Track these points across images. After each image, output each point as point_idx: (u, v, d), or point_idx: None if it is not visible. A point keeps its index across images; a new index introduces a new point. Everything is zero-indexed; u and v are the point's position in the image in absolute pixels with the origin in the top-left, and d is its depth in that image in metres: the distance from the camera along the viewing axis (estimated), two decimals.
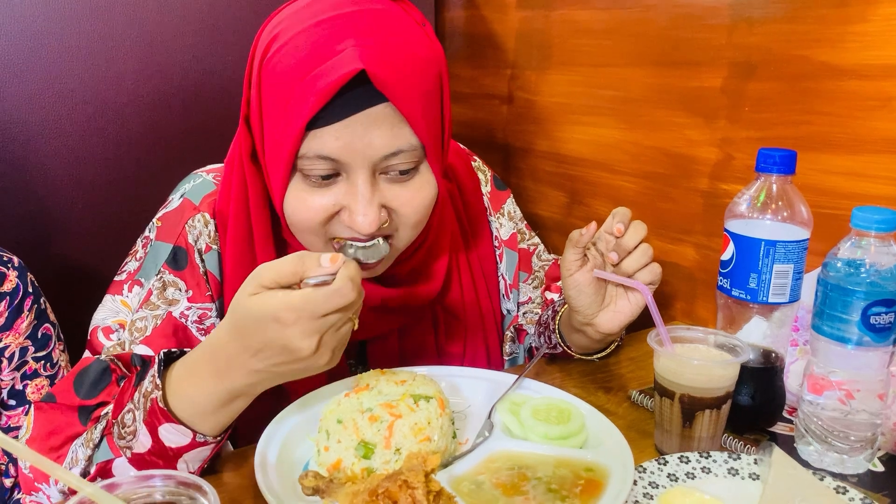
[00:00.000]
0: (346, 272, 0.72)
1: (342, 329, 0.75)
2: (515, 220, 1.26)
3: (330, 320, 0.72)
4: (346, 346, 0.79)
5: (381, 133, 0.87)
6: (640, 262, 0.96)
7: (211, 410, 0.79)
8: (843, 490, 0.78)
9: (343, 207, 0.90)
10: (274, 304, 0.71)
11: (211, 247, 0.99)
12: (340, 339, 0.76)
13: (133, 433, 0.78)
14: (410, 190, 0.92)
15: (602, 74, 1.46)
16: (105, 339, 0.94)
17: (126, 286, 0.97)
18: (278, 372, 0.76)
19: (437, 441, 0.81)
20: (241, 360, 0.75)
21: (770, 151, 0.88)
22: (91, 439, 0.81)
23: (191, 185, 1.03)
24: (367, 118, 0.86)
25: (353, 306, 0.74)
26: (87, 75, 1.40)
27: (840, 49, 1.07)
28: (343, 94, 0.85)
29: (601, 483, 0.77)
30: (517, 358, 1.24)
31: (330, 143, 0.86)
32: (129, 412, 0.80)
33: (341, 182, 0.90)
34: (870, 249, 0.80)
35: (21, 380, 1.08)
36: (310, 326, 0.72)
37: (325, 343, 0.74)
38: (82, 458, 0.81)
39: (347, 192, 0.90)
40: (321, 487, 0.73)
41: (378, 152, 0.87)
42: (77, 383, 0.87)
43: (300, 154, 0.88)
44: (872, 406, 0.83)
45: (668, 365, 0.87)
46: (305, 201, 0.90)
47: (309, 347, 0.72)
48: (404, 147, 0.89)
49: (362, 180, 0.88)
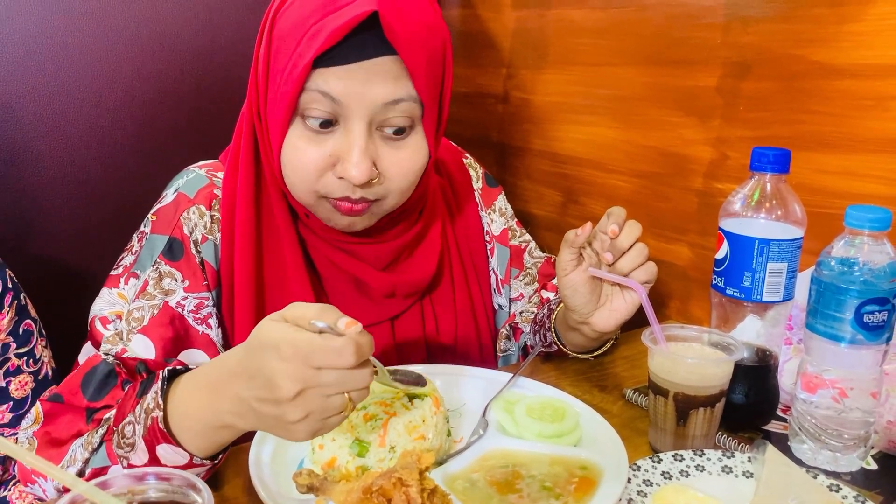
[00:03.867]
0: (354, 337, 0.67)
1: (330, 399, 0.68)
2: (507, 216, 1.27)
3: (321, 377, 0.67)
4: (327, 430, 0.72)
5: (383, 83, 0.90)
6: (636, 261, 0.96)
7: (200, 430, 0.75)
8: (836, 488, 0.78)
9: (338, 159, 0.93)
10: (281, 334, 0.68)
11: (207, 237, 1.00)
12: (323, 409, 0.68)
13: (132, 446, 0.77)
14: (403, 153, 0.95)
15: (597, 74, 1.46)
16: (103, 329, 0.94)
17: (122, 279, 0.98)
18: (256, 410, 0.70)
19: (431, 439, 0.81)
20: (235, 380, 0.72)
21: (764, 150, 0.89)
22: (91, 442, 0.81)
23: (184, 180, 1.04)
24: (373, 67, 0.89)
25: (349, 380, 0.68)
26: (83, 74, 1.40)
27: (834, 48, 1.07)
28: (351, 40, 0.88)
29: (595, 481, 0.77)
30: (512, 356, 1.24)
31: (333, 83, 0.89)
32: (129, 424, 0.78)
33: (338, 132, 0.93)
34: (863, 248, 0.80)
35: (4, 377, 1.07)
36: (298, 370, 0.66)
37: (306, 399, 0.67)
38: (79, 460, 0.81)
39: (343, 141, 0.92)
40: (315, 485, 0.73)
41: (378, 100, 0.90)
42: (84, 384, 0.86)
43: (305, 87, 0.90)
44: (866, 404, 0.83)
45: (663, 363, 0.87)
46: (302, 150, 0.93)
47: (289, 392, 0.67)
48: (403, 97, 0.92)
49: (359, 130, 0.91)
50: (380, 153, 0.94)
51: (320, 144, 0.93)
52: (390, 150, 0.95)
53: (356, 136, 0.91)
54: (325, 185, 0.95)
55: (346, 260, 1.06)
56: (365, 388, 0.70)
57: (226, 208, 1.01)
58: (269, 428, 0.72)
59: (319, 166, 0.93)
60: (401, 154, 0.96)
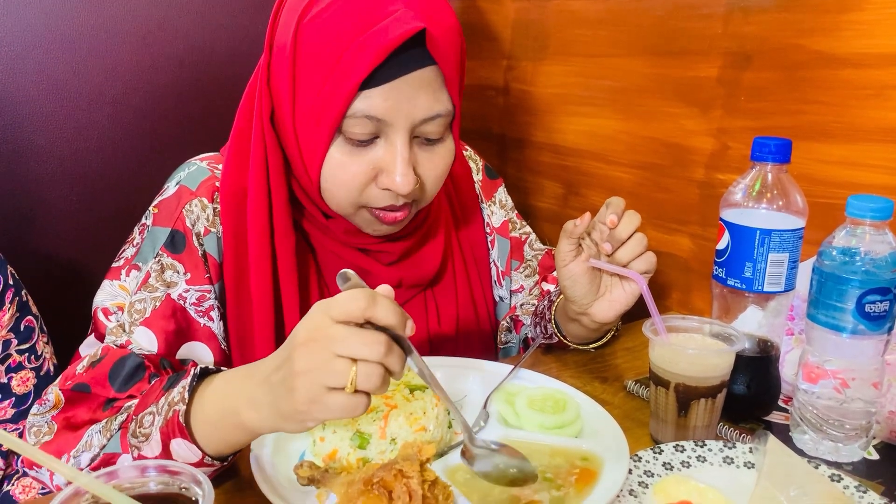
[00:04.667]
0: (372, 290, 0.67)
1: (336, 360, 0.65)
2: (507, 208, 1.28)
3: (334, 328, 0.65)
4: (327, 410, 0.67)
5: (425, 96, 0.91)
6: (635, 251, 0.96)
7: (216, 420, 0.74)
8: (837, 478, 0.78)
9: (380, 171, 0.94)
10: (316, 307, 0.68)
11: (209, 230, 1.00)
12: (326, 368, 0.65)
13: (147, 437, 0.77)
14: (437, 156, 0.98)
15: (598, 65, 1.46)
16: (106, 321, 0.94)
17: (123, 271, 0.97)
18: (271, 384, 0.69)
19: (432, 431, 0.81)
20: (262, 365, 0.72)
21: (765, 140, 0.88)
22: (109, 429, 0.81)
23: (186, 173, 1.03)
24: (415, 80, 0.90)
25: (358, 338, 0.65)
26: (82, 67, 1.39)
27: (836, 38, 1.07)
28: (394, 56, 0.88)
29: (596, 472, 0.77)
30: (512, 348, 1.24)
31: (379, 104, 0.89)
32: (149, 414, 0.78)
33: (379, 144, 0.93)
34: (864, 238, 0.80)
35: (5, 373, 1.07)
36: (315, 318, 0.66)
37: (313, 348, 0.66)
38: (96, 445, 0.81)
39: (386, 154, 0.93)
40: (316, 477, 0.73)
41: (420, 115, 0.91)
42: (112, 376, 0.86)
43: (348, 114, 0.90)
44: (867, 394, 0.83)
45: (664, 354, 0.87)
46: (346, 165, 0.93)
47: (301, 337, 0.66)
48: (442, 112, 0.93)
49: (401, 142, 0.92)
50: (418, 159, 0.96)
51: (362, 157, 0.93)
52: (427, 155, 0.97)
53: (400, 149, 0.92)
54: (368, 196, 0.96)
55: (354, 255, 1.06)
56: (375, 362, 0.66)
57: (225, 202, 1.01)
58: (276, 402, 0.69)
59: (363, 180, 0.94)
60: (436, 158, 0.98)
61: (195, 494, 0.58)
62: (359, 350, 0.65)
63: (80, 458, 0.81)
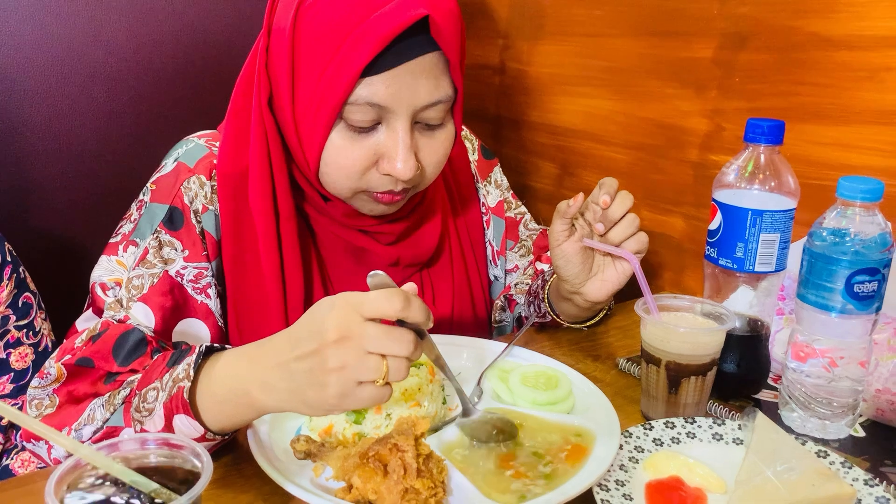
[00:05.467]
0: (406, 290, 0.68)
1: (369, 357, 0.67)
2: (502, 188, 1.28)
3: (366, 328, 0.66)
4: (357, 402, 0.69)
5: (427, 82, 0.91)
6: (627, 231, 0.97)
7: (223, 396, 0.74)
8: (824, 454, 0.80)
9: (381, 156, 0.94)
10: (338, 296, 0.69)
11: (207, 207, 1.00)
12: (359, 367, 0.67)
13: (150, 412, 0.77)
14: (438, 140, 0.98)
15: (594, 44, 1.46)
16: (104, 295, 0.95)
17: (121, 246, 0.98)
18: (292, 370, 0.69)
19: (427, 406, 0.82)
20: (277, 350, 0.71)
21: (758, 122, 0.89)
22: (112, 403, 0.81)
23: (184, 150, 1.03)
24: (418, 67, 0.90)
25: (392, 337, 0.67)
26: (77, 43, 1.39)
27: (831, 20, 1.07)
28: (397, 43, 0.87)
29: (587, 448, 0.79)
30: (506, 327, 1.25)
31: (381, 91, 0.89)
32: (153, 390, 0.78)
33: (380, 130, 0.93)
34: (855, 219, 0.81)
35: (4, 348, 1.08)
36: (347, 316, 0.67)
37: (346, 347, 0.67)
38: (99, 419, 0.81)
39: (387, 139, 0.93)
40: (313, 451, 0.74)
41: (422, 101, 0.91)
42: (116, 350, 0.86)
43: (350, 101, 0.90)
44: (855, 373, 0.85)
45: (655, 332, 0.88)
46: (346, 151, 0.93)
47: (332, 335, 0.66)
48: (443, 98, 0.93)
49: (403, 128, 0.92)
50: (419, 145, 0.96)
51: (363, 143, 0.93)
52: (428, 140, 0.97)
53: (401, 135, 0.92)
54: (368, 181, 0.96)
55: (353, 235, 1.07)
56: (404, 357, 0.68)
57: (223, 181, 1.01)
58: (299, 390, 0.69)
59: (364, 165, 0.94)
60: (436, 142, 0.98)
61: (195, 467, 0.59)
62: (392, 348, 0.67)
63: (83, 431, 0.82)
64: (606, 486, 0.74)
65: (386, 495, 0.68)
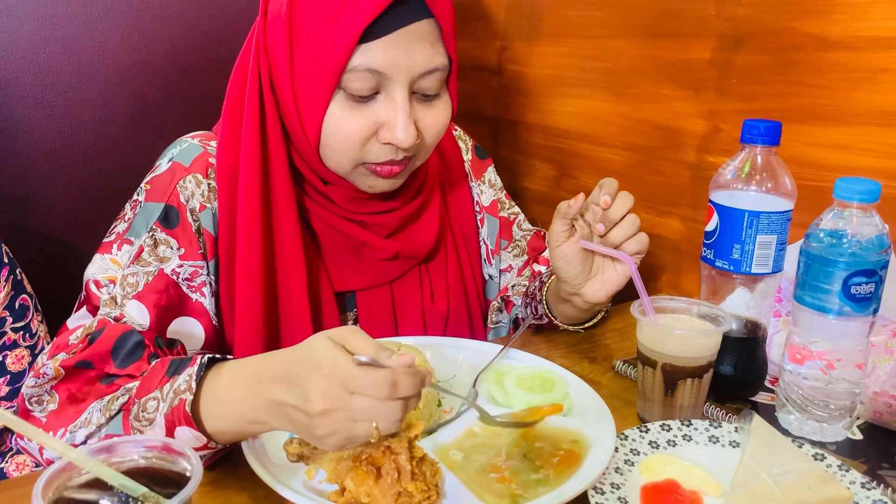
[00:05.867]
0: (396, 371, 0.66)
1: (357, 424, 0.67)
2: (496, 188, 1.29)
3: (352, 401, 0.66)
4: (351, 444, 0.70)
5: (423, 49, 0.92)
6: (627, 232, 0.97)
7: (233, 420, 0.74)
8: (821, 457, 0.79)
9: (381, 126, 0.95)
10: (329, 352, 0.67)
11: (205, 206, 1.00)
12: (349, 432, 0.67)
13: (151, 422, 0.76)
14: (436, 111, 0.99)
15: (591, 46, 1.45)
16: (98, 292, 0.94)
17: (115, 245, 0.97)
18: (289, 415, 0.70)
19: (421, 409, 0.82)
20: (275, 383, 0.71)
21: (755, 123, 0.88)
22: (109, 409, 0.81)
23: (178, 150, 1.03)
24: (413, 33, 0.91)
25: (379, 411, 0.66)
26: (71, 45, 1.38)
27: (828, 21, 1.07)
28: (392, 8, 0.89)
29: (581, 453, 0.78)
30: (503, 328, 1.25)
31: (379, 57, 0.91)
32: (153, 400, 0.77)
33: (379, 100, 0.94)
34: (852, 220, 0.81)
35: (0, 350, 1.08)
36: (332, 389, 0.66)
37: (333, 418, 0.67)
38: (94, 423, 0.81)
39: (386, 108, 0.94)
40: (305, 454, 0.74)
41: (419, 68, 0.93)
42: (115, 352, 0.85)
43: (348, 68, 0.91)
44: (852, 375, 0.84)
45: (651, 334, 0.88)
46: (347, 121, 0.94)
47: (318, 407, 0.66)
48: (439, 66, 0.95)
49: (401, 96, 0.93)
50: (418, 115, 0.97)
51: (363, 113, 0.94)
52: (425, 110, 0.98)
53: (400, 103, 0.93)
54: (368, 151, 0.97)
55: (352, 228, 1.07)
56: (396, 421, 0.67)
57: (221, 178, 1.01)
58: (300, 433, 0.71)
59: (364, 135, 0.95)
60: (435, 113, 0.99)
61: (184, 470, 0.59)
62: (379, 417, 0.67)
63: (76, 434, 0.81)
64: (602, 489, 0.74)
65: (379, 498, 0.68)
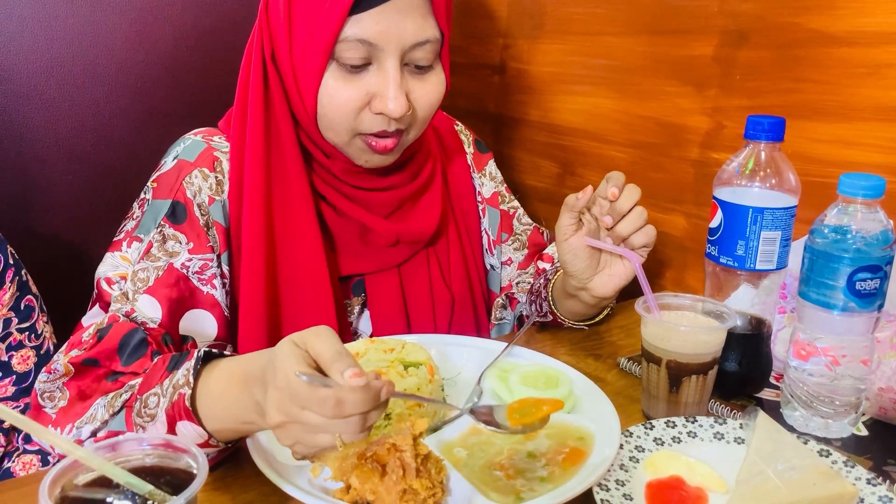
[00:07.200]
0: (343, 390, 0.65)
1: (317, 436, 0.68)
2: (497, 181, 1.30)
3: (304, 416, 0.66)
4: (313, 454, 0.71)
5: (413, 21, 0.95)
6: (635, 224, 0.97)
7: (227, 420, 0.75)
8: (826, 453, 0.79)
9: (373, 96, 0.97)
10: (285, 362, 0.67)
11: (214, 198, 1.02)
12: (311, 443, 0.69)
13: (152, 417, 0.78)
14: (428, 84, 1.01)
15: (594, 43, 1.45)
16: (110, 289, 0.96)
17: (125, 243, 1.00)
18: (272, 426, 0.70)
19: (425, 406, 0.82)
20: (255, 384, 0.71)
21: (759, 119, 0.88)
22: (113, 405, 0.82)
23: (182, 147, 1.05)
24: (403, 5, 0.94)
25: (333, 427, 0.67)
26: (76, 44, 1.38)
27: (831, 16, 1.06)
28: None
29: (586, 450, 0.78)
30: (506, 325, 1.25)
31: (371, 28, 0.94)
32: (154, 395, 0.79)
33: (372, 71, 0.97)
34: (856, 216, 0.81)
35: (6, 351, 1.08)
36: (284, 404, 0.67)
37: (291, 430, 0.68)
38: (99, 419, 0.82)
39: (378, 79, 0.97)
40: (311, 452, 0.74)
41: (409, 39, 0.96)
42: (121, 350, 0.87)
43: (340, 38, 0.94)
44: (857, 371, 0.84)
45: (656, 331, 0.88)
46: (340, 91, 0.97)
47: (273, 419, 0.68)
48: (430, 38, 0.97)
49: (393, 67, 0.96)
50: (409, 86, 0.99)
51: (356, 83, 0.97)
52: (417, 82, 1.00)
53: (392, 74, 0.96)
54: (362, 121, 0.99)
55: (353, 208, 1.08)
56: (356, 433, 0.68)
57: (235, 165, 1.03)
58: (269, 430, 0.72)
59: (357, 105, 0.97)
60: (427, 85, 1.01)
61: (190, 467, 0.59)
62: (336, 430, 0.67)
63: (82, 430, 0.83)
64: (606, 486, 0.74)
65: (384, 496, 0.67)
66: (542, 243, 1.29)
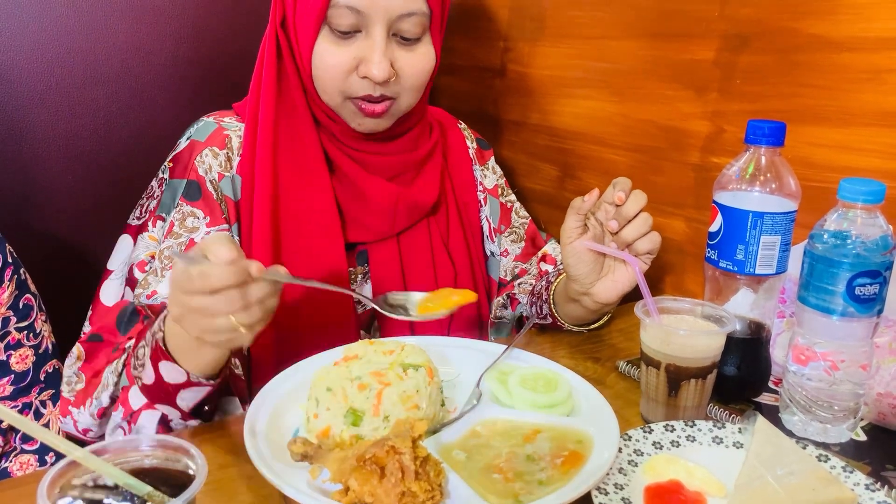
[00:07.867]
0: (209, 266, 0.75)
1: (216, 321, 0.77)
2: (497, 175, 1.36)
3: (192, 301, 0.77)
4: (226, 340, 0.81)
5: None
6: (640, 230, 0.97)
7: (185, 346, 0.85)
8: (825, 458, 0.79)
9: (361, 62, 1.04)
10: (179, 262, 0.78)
11: (224, 174, 1.09)
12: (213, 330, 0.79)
13: (143, 366, 0.88)
14: (415, 55, 1.08)
15: (595, 47, 1.45)
16: (139, 273, 1.04)
17: (150, 222, 1.07)
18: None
19: (425, 409, 0.82)
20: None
21: (759, 123, 0.88)
22: (116, 369, 0.94)
23: (195, 129, 1.13)
24: None
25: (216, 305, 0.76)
26: (76, 45, 1.38)
27: (832, 21, 1.06)
28: None
29: (584, 454, 0.78)
30: (506, 325, 1.26)
31: None
32: (142, 347, 0.90)
33: (360, 38, 1.04)
34: (856, 221, 0.81)
35: (4, 350, 1.08)
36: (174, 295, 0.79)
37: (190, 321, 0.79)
38: (111, 384, 0.93)
39: (365, 46, 1.04)
40: (310, 453, 0.74)
41: (396, 10, 1.02)
42: (118, 323, 1.00)
43: (332, 4, 1.02)
44: (856, 376, 0.84)
45: (655, 335, 0.88)
46: (331, 54, 1.05)
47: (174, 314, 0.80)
48: (416, 10, 1.04)
49: (379, 34, 1.03)
50: (396, 55, 1.06)
51: (346, 48, 1.04)
52: (405, 52, 1.06)
53: (377, 41, 1.03)
54: (350, 84, 1.06)
55: (355, 170, 1.13)
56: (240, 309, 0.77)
57: (248, 134, 1.09)
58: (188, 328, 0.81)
59: (345, 68, 1.04)
60: (414, 57, 1.07)
61: (189, 469, 0.59)
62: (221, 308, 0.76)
63: (101, 398, 0.94)
64: (605, 490, 0.74)
65: (383, 498, 0.67)
66: (540, 237, 1.34)
